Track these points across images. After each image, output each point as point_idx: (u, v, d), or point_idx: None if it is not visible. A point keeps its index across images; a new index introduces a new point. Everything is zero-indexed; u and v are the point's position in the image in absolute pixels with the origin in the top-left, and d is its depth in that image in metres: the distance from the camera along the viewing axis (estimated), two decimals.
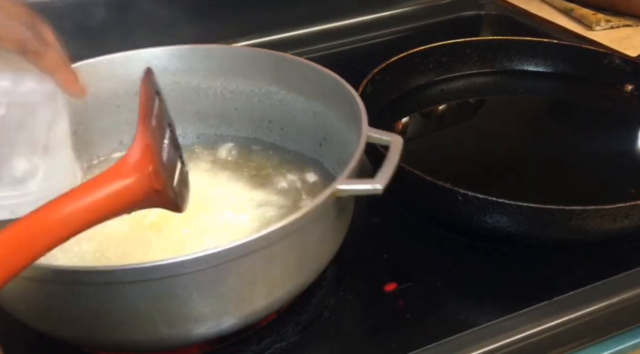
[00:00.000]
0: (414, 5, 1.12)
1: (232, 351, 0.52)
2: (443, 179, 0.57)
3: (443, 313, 0.55)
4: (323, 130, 0.64)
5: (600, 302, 0.55)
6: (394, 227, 0.66)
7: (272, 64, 0.66)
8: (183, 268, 0.41)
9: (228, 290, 0.44)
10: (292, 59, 0.65)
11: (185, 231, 0.55)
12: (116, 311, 0.43)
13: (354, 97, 0.57)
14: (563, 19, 1.09)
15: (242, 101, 0.68)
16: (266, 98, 0.67)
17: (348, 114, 0.58)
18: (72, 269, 0.44)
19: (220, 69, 0.67)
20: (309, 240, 0.48)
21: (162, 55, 0.66)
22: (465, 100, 0.86)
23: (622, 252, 0.61)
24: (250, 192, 0.62)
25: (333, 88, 0.60)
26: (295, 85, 0.65)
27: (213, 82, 0.68)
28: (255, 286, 0.46)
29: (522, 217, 0.56)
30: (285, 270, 0.47)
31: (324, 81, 0.61)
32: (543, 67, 0.87)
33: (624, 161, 0.72)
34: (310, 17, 1.02)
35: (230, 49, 0.70)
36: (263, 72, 0.66)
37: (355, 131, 0.54)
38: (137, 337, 0.45)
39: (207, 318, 0.45)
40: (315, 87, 0.63)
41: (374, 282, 0.58)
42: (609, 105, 0.83)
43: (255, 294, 0.46)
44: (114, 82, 0.65)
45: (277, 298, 0.48)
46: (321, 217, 0.47)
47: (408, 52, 0.82)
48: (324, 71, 0.61)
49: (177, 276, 0.41)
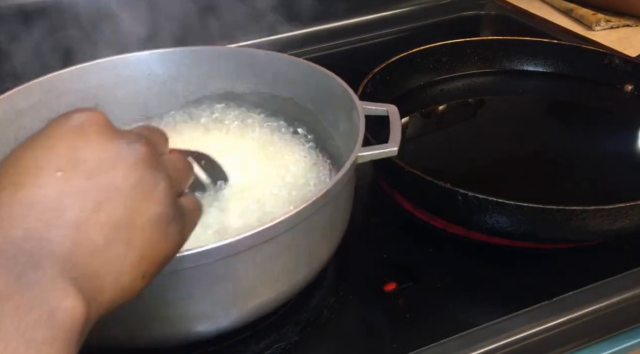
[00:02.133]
0: (414, 5, 1.12)
1: (232, 351, 0.52)
2: (443, 179, 0.57)
3: (443, 313, 0.55)
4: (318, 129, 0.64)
5: (600, 302, 0.55)
6: (394, 227, 0.66)
7: (267, 65, 0.65)
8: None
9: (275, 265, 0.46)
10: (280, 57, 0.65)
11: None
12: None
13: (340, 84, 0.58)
14: (563, 19, 1.09)
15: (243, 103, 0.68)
16: (265, 98, 0.67)
17: (341, 109, 0.58)
18: None
19: (218, 71, 0.67)
20: (336, 210, 0.50)
21: (150, 59, 0.66)
22: (465, 100, 0.86)
23: (622, 252, 0.61)
24: None
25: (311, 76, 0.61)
26: (292, 85, 0.65)
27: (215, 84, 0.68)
28: (299, 257, 0.48)
29: (522, 217, 0.56)
30: (317, 240, 0.49)
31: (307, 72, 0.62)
32: (543, 67, 0.87)
33: (624, 161, 0.72)
34: (310, 17, 1.02)
35: (228, 50, 0.70)
36: (258, 73, 0.66)
37: (349, 122, 0.55)
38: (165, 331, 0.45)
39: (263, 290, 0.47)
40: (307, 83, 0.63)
41: (374, 282, 0.58)
42: (609, 105, 0.83)
43: (299, 265, 0.48)
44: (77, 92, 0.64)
45: (310, 270, 0.50)
46: (345, 187, 0.49)
47: (408, 52, 0.82)
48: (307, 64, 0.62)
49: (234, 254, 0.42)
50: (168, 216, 0.32)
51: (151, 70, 0.66)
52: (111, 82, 0.65)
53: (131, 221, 0.30)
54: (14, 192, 0.28)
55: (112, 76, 0.65)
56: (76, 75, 0.63)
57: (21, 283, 0.25)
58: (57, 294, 0.26)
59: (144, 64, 0.66)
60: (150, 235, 0.31)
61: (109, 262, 0.29)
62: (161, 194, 0.31)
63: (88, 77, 0.63)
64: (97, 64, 0.64)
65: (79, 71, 0.63)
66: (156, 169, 0.32)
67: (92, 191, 0.29)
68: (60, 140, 0.30)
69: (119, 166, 0.30)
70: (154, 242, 0.31)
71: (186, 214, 0.35)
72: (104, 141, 0.31)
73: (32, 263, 0.26)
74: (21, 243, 0.27)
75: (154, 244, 0.31)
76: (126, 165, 0.31)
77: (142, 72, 0.66)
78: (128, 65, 0.65)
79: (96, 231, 0.29)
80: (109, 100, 0.65)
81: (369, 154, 0.49)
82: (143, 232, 0.30)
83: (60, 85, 0.62)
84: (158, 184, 0.31)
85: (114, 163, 0.30)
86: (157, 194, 0.31)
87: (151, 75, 0.67)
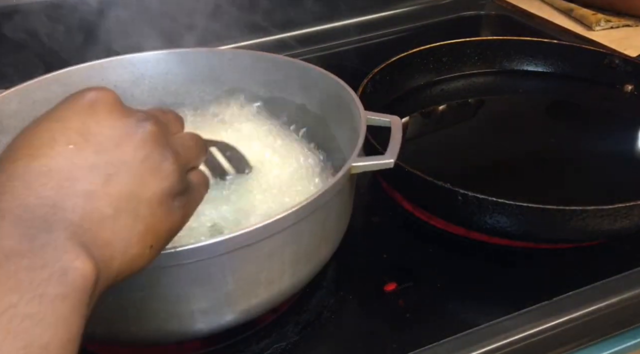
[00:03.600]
0: (414, 5, 1.12)
1: (232, 351, 0.52)
2: (443, 179, 0.57)
3: (443, 313, 0.55)
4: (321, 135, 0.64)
5: (600, 302, 0.55)
6: (394, 227, 0.66)
7: (264, 65, 0.66)
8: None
9: (256, 271, 0.46)
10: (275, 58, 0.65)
11: None
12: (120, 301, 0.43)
13: (346, 89, 0.58)
14: (563, 19, 1.09)
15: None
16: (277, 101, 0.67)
17: (344, 114, 0.58)
18: None
19: (233, 72, 0.67)
20: (330, 215, 0.50)
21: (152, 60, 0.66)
22: (465, 100, 0.86)
23: (622, 252, 0.61)
24: None
25: (320, 81, 0.61)
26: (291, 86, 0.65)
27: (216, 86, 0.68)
28: (298, 257, 0.48)
29: (522, 217, 0.56)
30: (312, 244, 0.49)
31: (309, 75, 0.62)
32: (543, 67, 0.87)
33: (624, 160, 0.72)
34: (310, 17, 1.02)
35: (229, 52, 0.69)
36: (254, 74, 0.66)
37: (352, 130, 0.55)
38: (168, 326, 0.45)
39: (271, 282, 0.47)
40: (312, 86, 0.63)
41: (374, 282, 0.58)
42: (609, 105, 0.83)
43: (299, 265, 0.49)
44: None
45: (301, 277, 0.50)
46: (337, 194, 0.49)
47: (408, 52, 0.82)
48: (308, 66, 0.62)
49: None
50: (174, 191, 0.33)
51: (169, 69, 0.67)
52: (128, 79, 0.65)
53: (139, 194, 0.31)
54: (29, 162, 0.29)
55: (129, 74, 0.65)
56: (94, 70, 0.63)
57: (35, 244, 0.27)
58: (69, 255, 0.27)
59: (162, 63, 0.66)
60: (157, 209, 0.32)
61: (118, 232, 0.30)
62: (168, 170, 0.33)
63: (105, 74, 0.64)
64: (115, 60, 0.64)
65: (97, 67, 0.63)
66: (164, 147, 0.33)
67: (101, 164, 0.31)
68: (72, 116, 0.31)
69: (128, 143, 0.32)
70: (160, 215, 0.33)
71: (194, 189, 0.36)
72: (114, 118, 0.32)
73: (46, 227, 0.28)
74: (36, 209, 0.28)
75: (161, 218, 0.33)
76: (134, 142, 0.32)
77: (159, 71, 0.66)
78: (146, 63, 0.66)
79: (105, 202, 0.30)
80: (126, 97, 0.64)
81: (364, 164, 0.49)
82: (150, 205, 0.32)
83: (77, 80, 0.62)
84: (165, 161, 0.33)
85: (122, 139, 0.32)
86: (163, 170, 0.33)
87: (168, 74, 0.67)
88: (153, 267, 0.34)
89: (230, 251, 0.42)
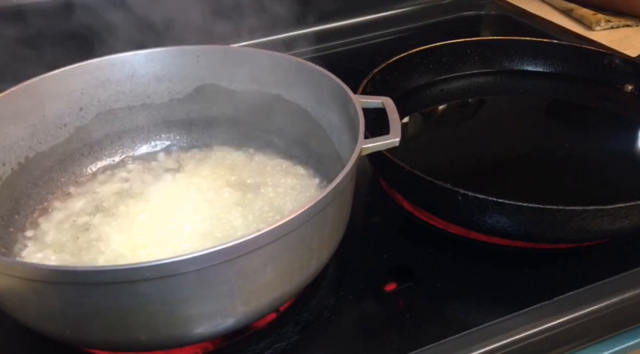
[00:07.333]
0: (414, 5, 1.12)
1: (232, 351, 0.52)
2: (443, 179, 0.57)
3: (443, 313, 0.55)
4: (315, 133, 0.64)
5: (600, 302, 0.55)
6: (394, 227, 0.66)
7: (265, 64, 0.65)
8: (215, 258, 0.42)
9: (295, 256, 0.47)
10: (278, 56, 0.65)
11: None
12: (121, 309, 0.43)
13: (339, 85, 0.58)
14: (563, 19, 1.09)
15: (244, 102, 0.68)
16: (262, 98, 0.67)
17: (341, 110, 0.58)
18: (69, 269, 0.43)
19: (202, 68, 0.67)
20: (343, 202, 0.51)
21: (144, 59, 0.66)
22: (465, 100, 0.86)
23: (622, 252, 0.61)
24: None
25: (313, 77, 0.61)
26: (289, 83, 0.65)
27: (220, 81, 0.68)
28: (298, 257, 0.48)
29: (522, 217, 0.56)
30: (332, 229, 0.50)
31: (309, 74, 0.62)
32: (543, 67, 0.87)
33: (624, 160, 0.72)
34: (310, 17, 1.02)
35: (197, 49, 0.69)
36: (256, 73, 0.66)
37: (350, 134, 0.55)
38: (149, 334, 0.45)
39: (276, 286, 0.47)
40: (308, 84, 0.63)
41: (374, 282, 0.58)
42: (609, 105, 0.83)
43: (299, 265, 0.48)
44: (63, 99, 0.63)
45: (302, 279, 0.50)
46: (350, 181, 0.50)
47: (408, 52, 0.82)
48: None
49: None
50: None
51: (134, 71, 0.66)
52: (94, 85, 0.64)
53: None
54: None
55: (95, 79, 0.64)
56: (59, 79, 0.62)
57: None
58: None
59: (127, 65, 0.65)
60: None
61: None
62: None
63: (71, 81, 0.63)
64: (79, 66, 0.63)
65: (61, 75, 0.62)
66: None
67: None
68: None
69: None
70: None
71: None
72: None
73: None
74: None
75: None
76: None
77: (125, 74, 0.66)
78: (111, 67, 0.65)
79: None
80: (93, 103, 0.65)
81: (373, 145, 0.50)
82: None
83: (44, 91, 0.61)
84: None
85: None
86: None
87: (134, 76, 0.66)
88: (151, 278, 0.34)
89: (243, 255, 0.43)
